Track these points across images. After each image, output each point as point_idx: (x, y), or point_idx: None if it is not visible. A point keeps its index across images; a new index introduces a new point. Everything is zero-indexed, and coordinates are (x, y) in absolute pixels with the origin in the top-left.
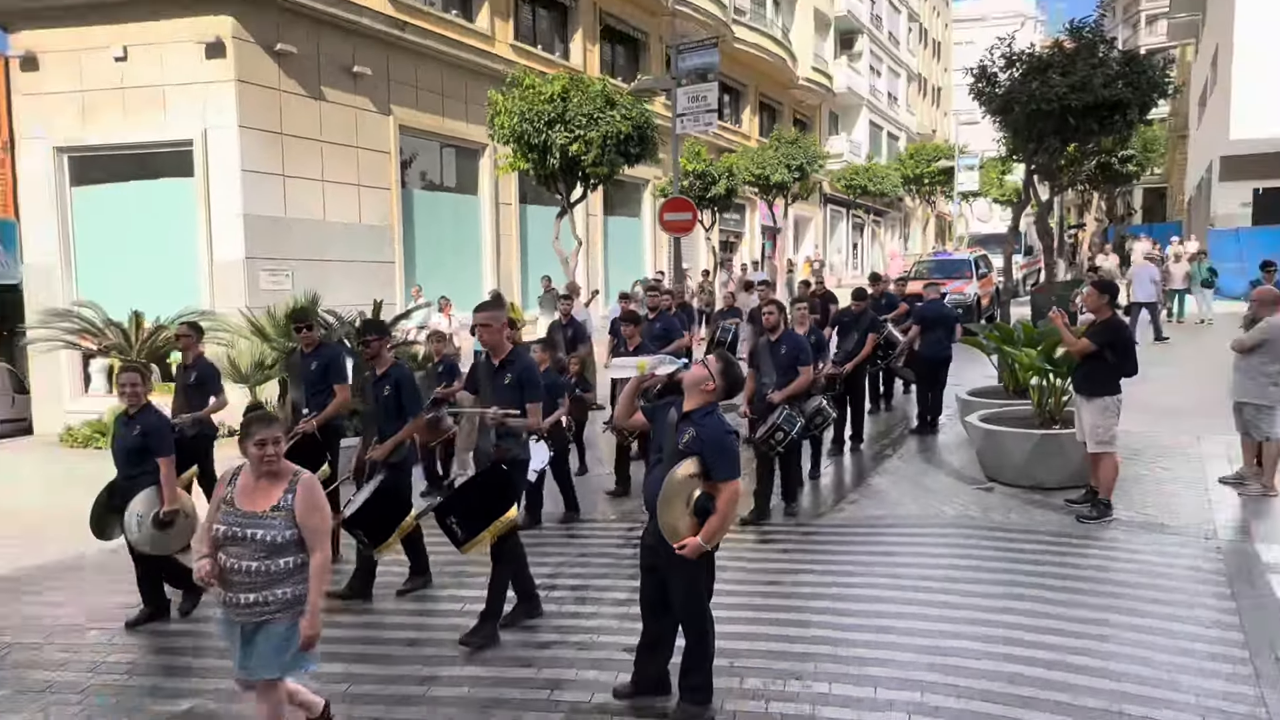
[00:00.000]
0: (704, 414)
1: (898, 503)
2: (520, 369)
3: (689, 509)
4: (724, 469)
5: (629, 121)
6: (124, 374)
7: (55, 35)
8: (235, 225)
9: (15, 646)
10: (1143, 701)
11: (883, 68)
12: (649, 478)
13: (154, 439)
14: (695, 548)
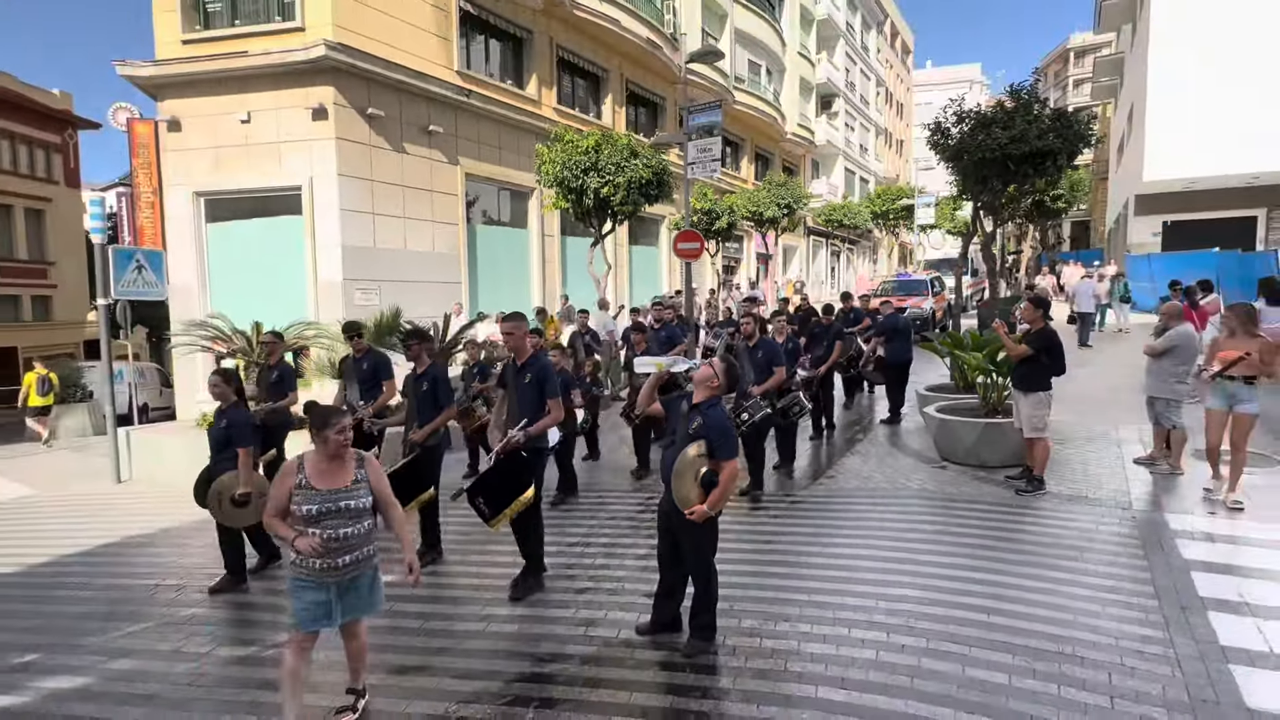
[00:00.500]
0: (710, 405)
1: (869, 478)
2: (539, 369)
3: (697, 482)
4: (725, 450)
5: (649, 169)
6: (211, 378)
7: (195, 103)
8: (335, 253)
9: (161, 587)
10: (1070, 641)
11: (855, 124)
12: (665, 456)
13: (235, 431)
14: (702, 514)
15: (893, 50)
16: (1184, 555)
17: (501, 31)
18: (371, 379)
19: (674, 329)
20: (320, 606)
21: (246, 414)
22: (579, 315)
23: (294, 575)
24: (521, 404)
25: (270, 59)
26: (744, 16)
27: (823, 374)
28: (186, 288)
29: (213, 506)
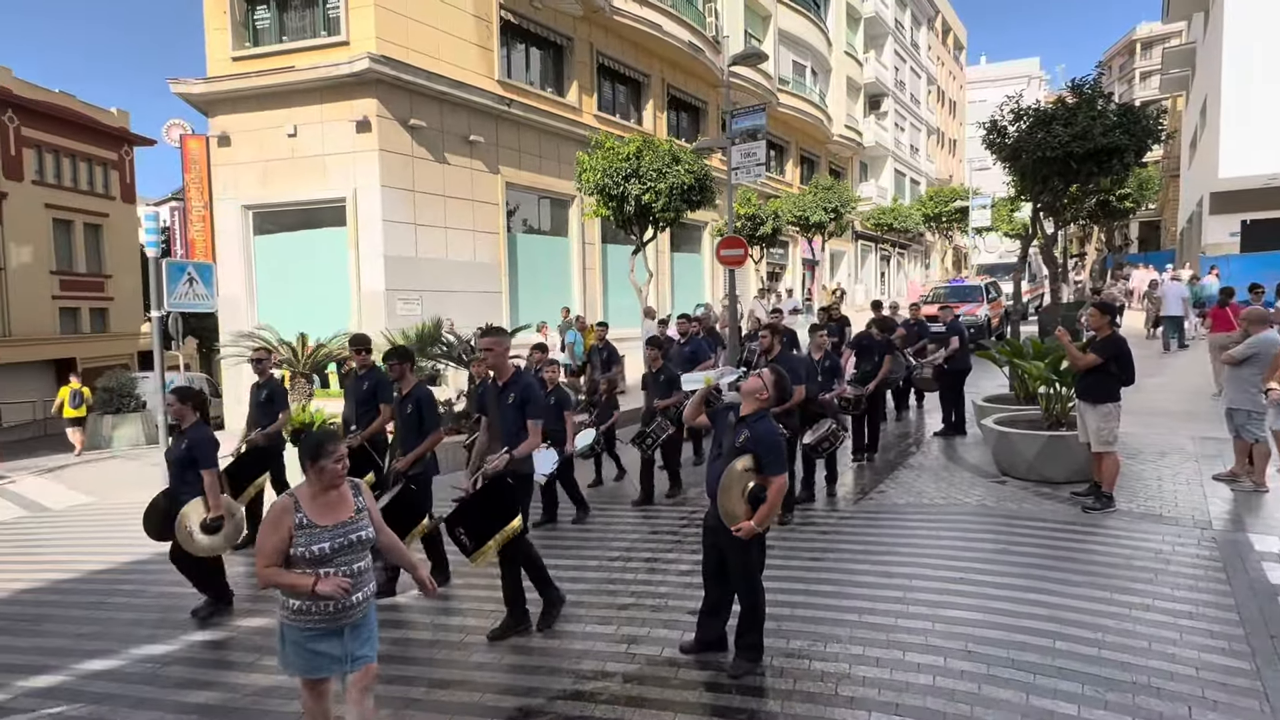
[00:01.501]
0: (758, 418)
1: (922, 492)
2: (521, 389)
3: (744, 497)
4: (774, 465)
5: (691, 175)
6: (168, 396)
7: (243, 118)
8: (377, 264)
9: None
10: (1144, 671)
11: (905, 124)
12: (710, 470)
13: (199, 452)
14: (750, 530)
15: (944, 47)
16: (1271, 579)
17: (541, 40)
18: (369, 400)
19: (700, 343)
20: (332, 655)
21: (209, 433)
22: (598, 328)
23: (299, 625)
24: (505, 427)
25: (316, 73)
26: (788, 17)
27: (872, 391)
28: (235, 299)
29: (181, 537)
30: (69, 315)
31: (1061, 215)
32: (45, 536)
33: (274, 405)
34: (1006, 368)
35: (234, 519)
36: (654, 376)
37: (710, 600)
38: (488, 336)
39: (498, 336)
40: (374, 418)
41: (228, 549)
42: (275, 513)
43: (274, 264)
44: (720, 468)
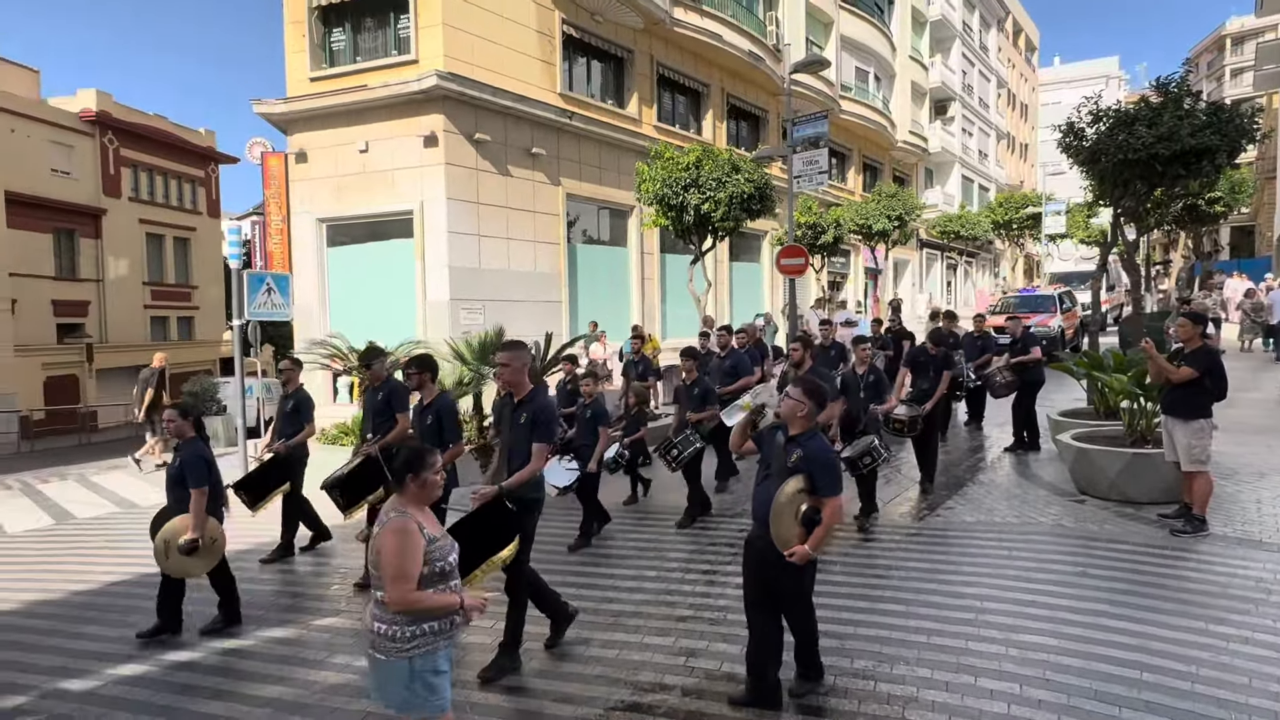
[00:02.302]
0: (809, 437)
1: (992, 510)
2: (535, 409)
3: (797, 520)
4: (829, 486)
5: (751, 184)
6: (167, 412)
7: (319, 135)
8: (442, 274)
9: (280, 593)
10: (1244, 709)
11: (974, 129)
12: (757, 491)
13: (188, 469)
14: (804, 555)
15: (1015, 48)
16: None
17: (602, 53)
18: (384, 410)
19: (741, 356)
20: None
21: (203, 451)
22: (633, 340)
23: (431, 649)
24: (515, 446)
25: (387, 91)
26: (851, 23)
27: (929, 410)
28: (308, 308)
29: (159, 556)
30: (159, 323)
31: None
32: (133, 532)
33: (299, 416)
34: (1084, 381)
35: (215, 542)
36: (687, 389)
37: (755, 635)
38: (504, 351)
39: (515, 351)
40: (390, 428)
41: (197, 574)
42: (407, 534)
43: (346, 274)
44: (769, 490)
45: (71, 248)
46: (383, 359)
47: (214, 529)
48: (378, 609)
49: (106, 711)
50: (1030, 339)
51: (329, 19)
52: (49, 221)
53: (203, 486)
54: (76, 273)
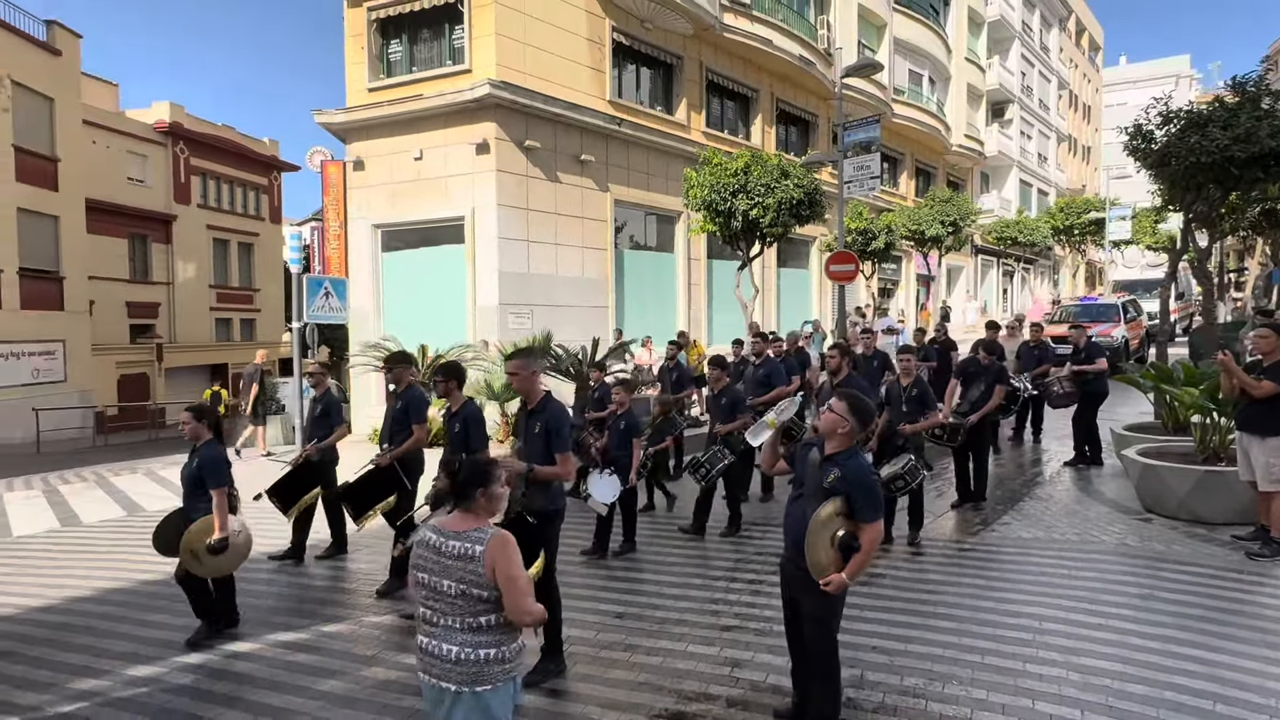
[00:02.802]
0: (847, 455)
1: (1052, 526)
2: (548, 417)
3: (834, 546)
4: (869, 510)
5: (801, 189)
6: (183, 414)
7: (376, 144)
8: (492, 279)
9: (336, 590)
10: None
11: (1033, 131)
12: (789, 512)
13: (207, 471)
14: (839, 584)
15: (1078, 48)
16: None
17: (652, 59)
18: (402, 419)
19: (776, 365)
20: None
21: (221, 451)
22: (669, 346)
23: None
24: (531, 457)
25: (441, 100)
26: (904, 25)
27: (973, 424)
28: (363, 312)
29: (186, 559)
30: (223, 325)
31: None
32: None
33: (329, 419)
34: (1151, 394)
35: (238, 539)
36: (715, 399)
37: (796, 656)
38: (514, 359)
39: (524, 359)
40: (407, 437)
41: (232, 570)
42: (514, 546)
43: (399, 279)
44: (801, 510)
45: (144, 252)
46: (405, 366)
47: (237, 524)
48: (481, 635)
49: (171, 697)
50: (1095, 349)
51: (387, 31)
52: (124, 227)
53: (224, 486)
54: (148, 276)
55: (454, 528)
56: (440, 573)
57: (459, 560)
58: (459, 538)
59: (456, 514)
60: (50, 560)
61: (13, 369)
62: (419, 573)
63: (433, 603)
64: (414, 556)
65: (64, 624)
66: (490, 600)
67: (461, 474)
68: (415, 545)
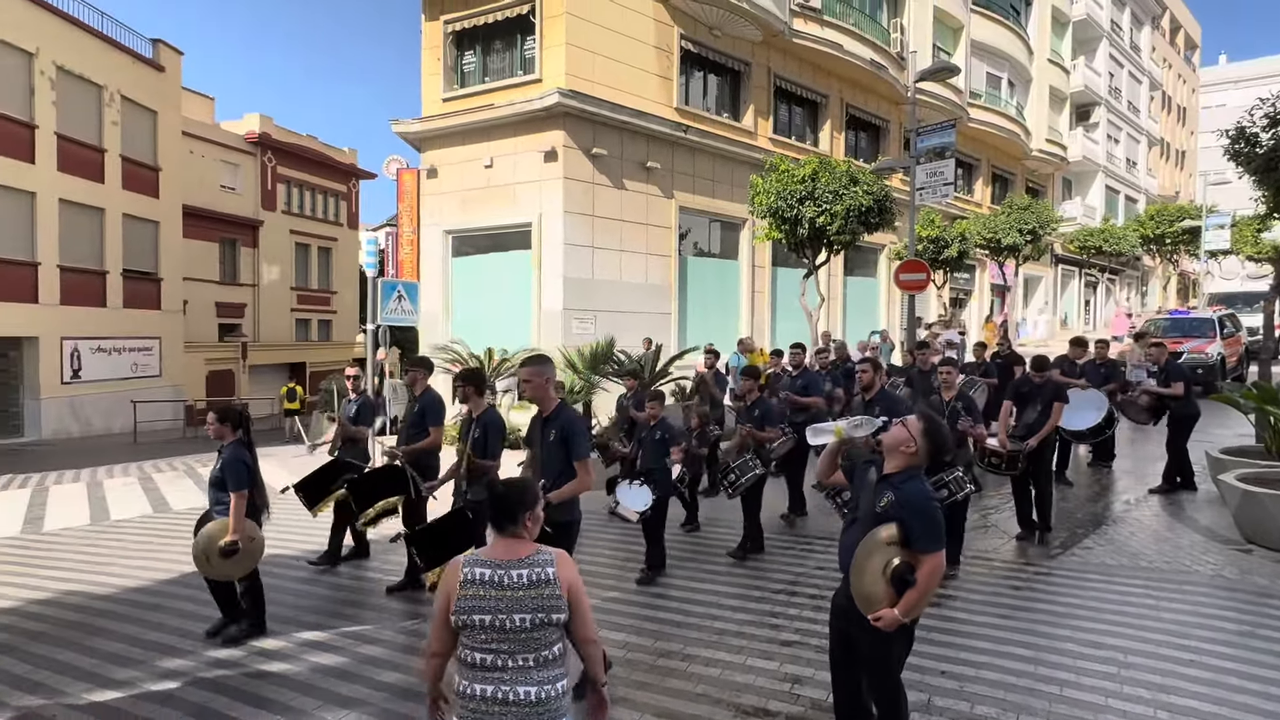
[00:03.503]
0: (905, 478)
1: (1139, 554)
2: (563, 424)
3: (885, 577)
4: (926, 539)
5: (870, 196)
6: (209, 416)
7: (449, 152)
8: (557, 284)
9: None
10: None
11: (1121, 135)
12: (844, 539)
13: (227, 472)
14: (892, 620)
15: (1172, 47)
16: None
17: (719, 66)
18: (418, 422)
19: (815, 377)
20: None
21: (243, 454)
22: (706, 355)
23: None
24: (546, 465)
25: (511, 109)
26: (982, 26)
27: (1034, 448)
28: (433, 315)
29: (199, 561)
30: (302, 325)
31: None
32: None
33: (360, 419)
34: (1252, 415)
35: (253, 541)
36: (748, 410)
37: (840, 697)
38: (527, 365)
39: (538, 365)
40: (422, 439)
41: (240, 575)
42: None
43: (468, 283)
44: (856, 536)
45: (233, 255)
46: (425, 370)
47: (252, 529)
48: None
49: (250, 680)
50: (1176, 370)
51: (461, 43)
52: (216, 232)
53: (242, 490)
54: (236, 278)
55: (508, 556)
56: (507, 608)
57: (531, 589)
58: (522, 565)
59: (500, 542)
60: (142, 543)
61: (115, 363)
62: (475, 615)
63: (498, 644)
64: (463, 600)
65: (155, 604)
66: (561, 625)
67: (507, 497)
68: (461, 587)
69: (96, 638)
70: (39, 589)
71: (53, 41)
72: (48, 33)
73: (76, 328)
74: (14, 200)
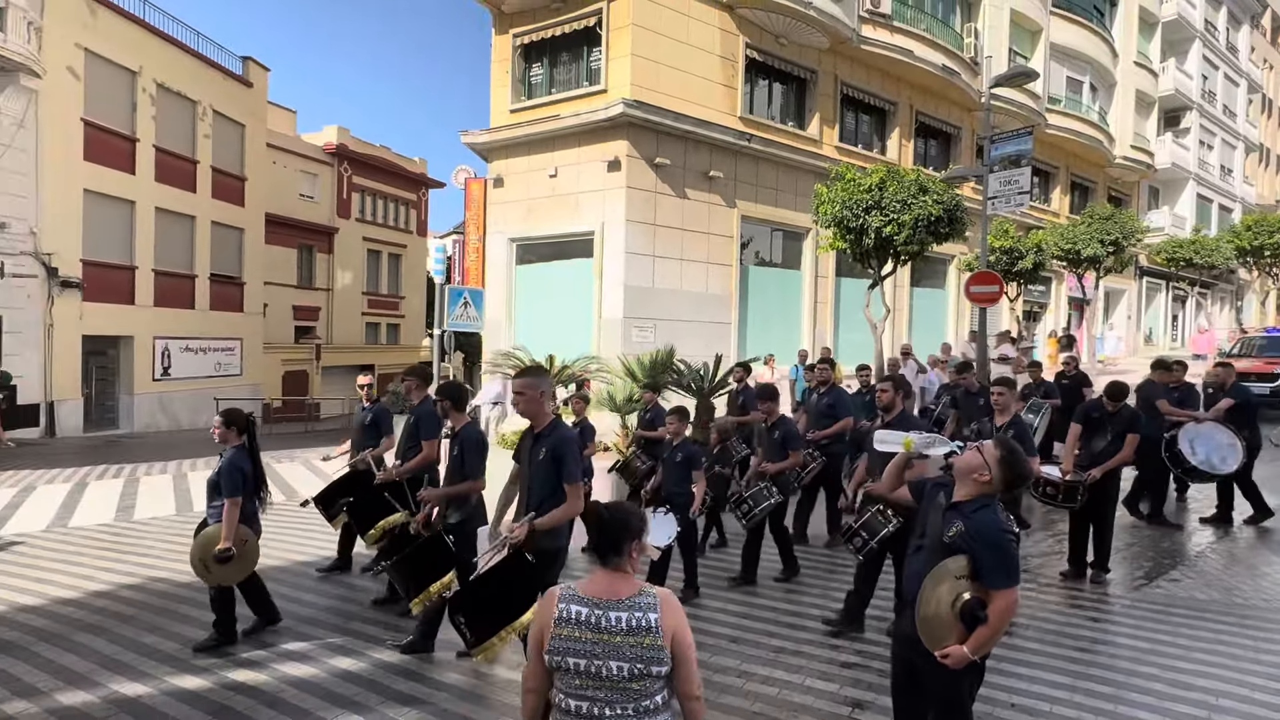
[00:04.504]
0: (976, 507)
1: (1233, 589)
2: (555, 442)
3: (954, 611)
4: (997, 575)
5: (940, 205)
6: (215, 418)
7: (515, 162)
8: (618, 293)
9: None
10: None
11: (1215, 141)
12: (908, 566)
13: (223, 478)
14: (960, 658)
15: (1274, 47)
16: None
17: (785, 74)
18: (414, 434)
19: (840, 395)
20: None
21: (240, 460)
22: (737, 370)
23: None
24: (534, 485)
25: (577, 120)
26: (1063, 29)
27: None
28: (497, 321)
29: (197, 568)
30: (372, 329)
31: None
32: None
33: (378, 430)
34: None
35: (246, 543)
36: (768, 432)
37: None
38: (522, 377)
39: (532, 378)
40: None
41: (237, 581)
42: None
43: (531, 291)
44: (922, 564)
45: (310, 261)
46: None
47: (246, 534)
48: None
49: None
50: (1242, 394)
51: (529, 55)
52: (294, 238)
53: (236, 496)
54: (312, 283)
55: (609, 594)
56: (604, 654)
57: (629, 635)
58: (622, 607)
59: (602, 575)
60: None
61: (200, 362)
62: (569, 658)
63: (594, 691)
64: (557, 640)
65: None
66: (665, 676)
67: (612, 523)
68: (556, 625)
69: (181, 624)
70: (129, 574)
71: (154, 60)
72: (150, 52)
73: (167, 328)
74: (117, 209)
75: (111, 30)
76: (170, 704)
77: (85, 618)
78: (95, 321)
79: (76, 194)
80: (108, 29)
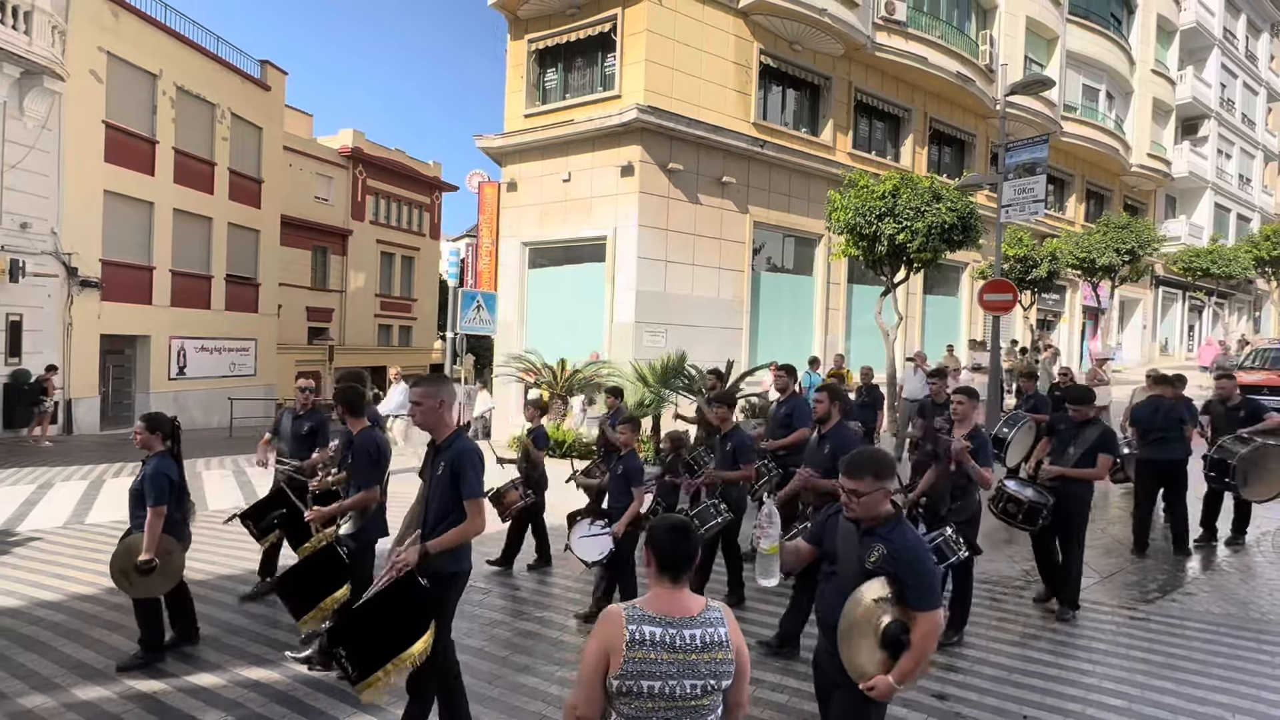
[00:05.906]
0: (892, 526)
1: (1249, 603)
2: (454, 455)
3: (877, 639)
4: (922, 596)
5: (954, 213)
6: (137, 424)
7: (528, 167)
8: (629, 297)
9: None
10: None
11: (1233, 150)
12: (821, 594)
13: (147, 485)
14: (886, 689)
15: None
16: None
17: (799, 80)
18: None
19: (800, 404)
20: None
21: (167, 467)
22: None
23: None
24: (433, 502)
25: (590, 125)
26: (1079, 36)
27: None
28: (509, 324)
29: (117, 580)
30: (384, 330)
31: None
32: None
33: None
34: None
35: (170, 555)
36: (720, 442)
37: None
38: (419, 385)
39: (430, 386)
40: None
41: (162, 593)
42: None
43: (543, 294)
44: (835, 591)
45: (324, 263)
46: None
47: (170, 545)
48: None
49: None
50: (1255, 408)
51: (544, 61)
52: (309, 240)
53: (161, 505)
54: (326, 284)
55: (678, 611)
56: (679, 674)
57: (705, 652)
58: (695, 624)
59: (664, 593)
60: (236, 533)
61: (215, 362)
62: (644, 681)
63: (664, 713)
64: (631, 664)
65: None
66: (725, 689)
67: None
68: (629, 648)
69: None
70: None
71: (174, 64)
72: (170, 56)
73: (183, 328)
74: (136, 209)
75: (133, 34)
76: (185, 700)
77: (102, 613)
78: (113, 321)
79: (97, 195)
80: (130, 33)
